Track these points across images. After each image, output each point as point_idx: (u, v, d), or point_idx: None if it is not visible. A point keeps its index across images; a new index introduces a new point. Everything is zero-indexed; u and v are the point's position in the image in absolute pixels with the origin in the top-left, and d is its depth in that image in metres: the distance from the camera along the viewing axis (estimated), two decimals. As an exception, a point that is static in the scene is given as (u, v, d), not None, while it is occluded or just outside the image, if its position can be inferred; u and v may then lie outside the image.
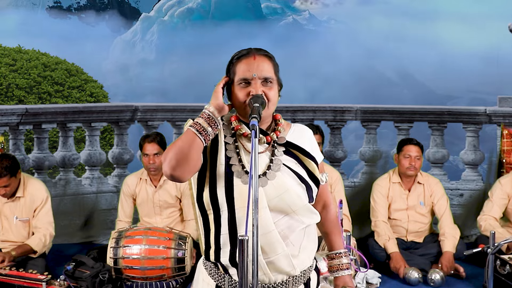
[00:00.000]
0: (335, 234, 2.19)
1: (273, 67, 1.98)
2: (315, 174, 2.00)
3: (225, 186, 1.91)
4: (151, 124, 5.77)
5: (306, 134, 2.06)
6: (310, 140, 2.06)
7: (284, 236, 1.92)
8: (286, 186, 1.92)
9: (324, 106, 5.90)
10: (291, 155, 1.98)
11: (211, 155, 1.95)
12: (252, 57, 1.95)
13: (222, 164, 1.93)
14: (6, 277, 3.69)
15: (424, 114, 5.88)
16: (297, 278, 1.98)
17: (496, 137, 5.54)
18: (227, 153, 1.95)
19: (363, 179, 5.72)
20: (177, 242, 3.89)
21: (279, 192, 1.91)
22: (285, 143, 1.99)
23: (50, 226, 4.25)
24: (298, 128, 2.08)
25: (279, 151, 1.97)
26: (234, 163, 1.93)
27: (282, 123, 2.03)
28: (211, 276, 2.00)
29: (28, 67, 13.01)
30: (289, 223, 1.93)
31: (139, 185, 4.44)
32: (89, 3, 18.29)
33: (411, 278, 4.14)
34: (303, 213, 1.95)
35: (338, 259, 2.17)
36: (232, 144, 1.96)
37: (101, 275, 3.82)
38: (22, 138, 5.54)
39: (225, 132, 1.99)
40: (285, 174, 1.94)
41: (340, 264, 2.17)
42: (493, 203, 4.50)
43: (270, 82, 1.95)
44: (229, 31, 16.97)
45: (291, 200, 1.92)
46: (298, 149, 1.99)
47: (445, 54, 15.16)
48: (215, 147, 1.96)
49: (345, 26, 17.36)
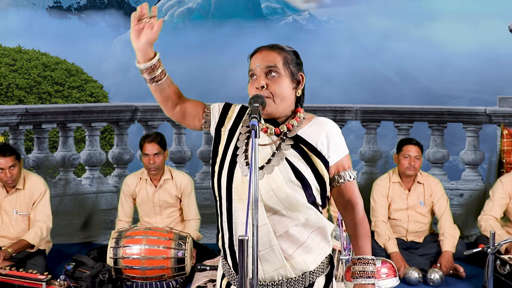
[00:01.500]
0: (359, 237, 1.97)
1: (283, 58, 1.93)
2: (321, 173, 1.91)
3: (227, 175, 1.92)
4: (151, 124, 5.77)
5: (325, 129, 1.94)
6: (328, 136, 1.93)
7: (276, 231, 1.89)
8: (279, 183, 1.87)
9: (324, 106, 5.90)
10: (298, 150, 1.91)
11: (226, 143, 1.97)
12: (259, 51, 1.96)
13: (231, 152, 1.94)
14: (6, 277, 3.68)
15: (424, 114, 5.88)
16: (293, 281, 1.92)
17: (496, 137, 5.54)
18: (237, 143, 1.96)
19: (363, 179, 5.72)
20: (177, 242, 3.89)
21: (272, 187, 1.87)
22: (295, 136, 1.93)
23: (48, 219, 4.25)
24: (318, 121, 1.98)
25: (287, 144, 1.93)
26: (240, 153, 1.94)
27: (300, 117, 1.97)
28: (222, 264, 2.04)
29: (28, 67, 13.00)
30: (281, 219, 1.89)
31: (139, 185, 4.44)
32: (89, 3, 18.29)
33: (411, 278, 4.13)
34: (297, 209, 1.89)
35: (361, 265, 1.95)
36: (245, 134, 1.97)
37: (101, 275, 3.81)
38: (22, 138, 5.54)
39: (244, 123, 1.99)
40: (283, 169, 1.89)
41: (362, 272, 1.95)
42: (494, 202, 4.50)
43: (275, 72, 1.91)
44: (229, 31, 16.97)
45: (282, 196, 1.87)
46: (307, 145, 1.92)
47: (445, 54, 15.16)
48: (231, 136, 1.98)
49: (345, 26, 17.35)
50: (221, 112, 2.02)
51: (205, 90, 14.57)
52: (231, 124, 2.00)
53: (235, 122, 2.00)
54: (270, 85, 1.90)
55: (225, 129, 2.00)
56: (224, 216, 1.95)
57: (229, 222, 1.94)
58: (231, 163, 1.93)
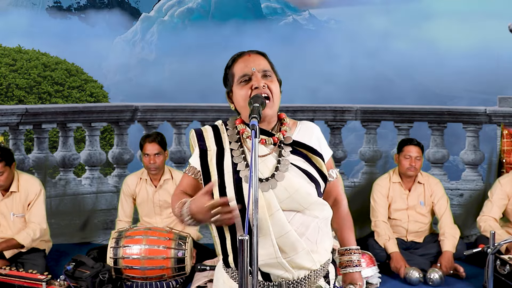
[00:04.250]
0: (346, 230, 2.18)
1: (269, 63, 2.01)
2: (323, 170, 2.00)
3: (235, 193, 1.92)
4: (151, 124, 5.77)
5: (314, 131, 2.07)
6: (318, 137, 2.06)
7: (301, 233, 1.94)
8: (296, 186, 1.93)
9: (324, 106, 5.89)
10: (299, 154, 1.99)
11: (217, 165, 1.96)
12: (247, 55, 2.00)
13: (230, 172, 1.94)
14: (6, 277, 3.68)
15: (424, 114, 5.88)
16: (317, 271, 2.00)
17: (496, 137, 5.54)
18: (233, 160, 1.96)
19: (363, 179, 5.72)
20: (177, 242, 3.89)
21: (290, 193, 1.92)
22: (292, 142, 1.99)
23: (42, 220, 4.23)
24: (305, 125, 2.08)
25: (286, 151, 1.98)
26: (241, 168, 1.94)
27: (287, 122, 2.03)
28: (234, 279, 2.01)
29: (28, 67, 13.01)
30: (302, 219, 1.95)
31: (139, 185, 4.44)
32: (89, 3, 18.30)
33: (412, 278, 4.13)
34: (315, 207, 1.97)
35: (348, 255, 2.16)
36: (238, 149, 1.97)
37: (101, 275, 3.81)
38: (22, 138, 5.54)
39: (230, 138, 2.00)
40: (293, 173, 1.95)
41: (350, 261, 2.15)
42: (492, 203, 4.50)
43: (270, 75, 1.97)
44: (229, 31, 16.98)
45: (302, 199, 1.94)
46: (306, 147, 2.00)
47: (445, 54, 15.17)
48: (220, 156, 1.97)
49: (345, 26, 17.36)
50: (197, 137, 2.02)
51: (205, 90, 14.58)
52: (215, 144, 2.00)
53: (217, 141, 2.00)
54: (268, 85, 1.95)
55: (210, 149, 2.00)
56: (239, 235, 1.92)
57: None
58: (236, 180, 1.92)
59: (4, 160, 4.05)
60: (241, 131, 1.98)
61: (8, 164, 4.08)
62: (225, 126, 2.03)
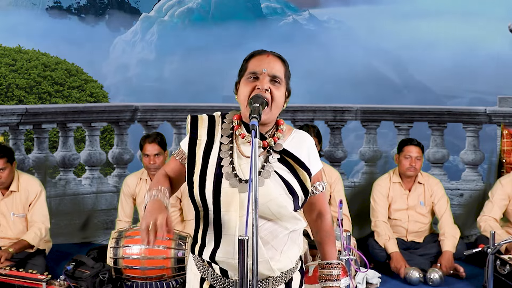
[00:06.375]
0: (328, 244, 2.14)
1: (285, 70, 1.97)
2: (306, 184, 1.96)
3: (213, 188, 1.90)
4: (151, 124, 5.78)
5: (306, 143, 2.02)
6: (309, 149, 2.01)
7: (266, 242, 1.91)
8: (272, 195, 1.89)
9: (324, 106, 5.89)
10: (284, 163, 1.95)
11: (203, 156, 1.95)
12: (266, 54, 1.97)
13: (213, 165, 1.92)
14: (6, 277, 3.68)
15: (424, 114, 5.88)
16: (277, 278, 1.97)
17: (496, 137, 5.54)
18: (220, 154, 1.94)
19: (363, 179, 5.72)
20: (177, 242, 3.89)
21: (265, 200, 1.88)
22: (281, 150, 1.96)
23: (46, 219, 4.27)
24: (299, 135, 2.03)
25: (274, 158, 1.95)
26: (225, 164, 1.92)
27: (283, 129, 2.00)
28: (198, 268, 2.02)
29: (28, 67, 13.01)
30: (272, 228, 1.93)
31: (139, 185, 4.44)
32: (89, 3, 18.30)
33: (412, 278, 4.14)
34: (288, 220, 1.94)
35: (328, 269, 2.13)
36: (227, 145, 1.95)
37: (101, 275, 3.81)
38: (22, 138, 5.54)
39: (223, 132, 1.98)
40: (274, 182, 1.91)
41: (329, 275, 2.12)
42: (493, 203, 4.50)
43: (278, 82, 1.94)
44: (229, 31, 16.98)
45: (275, 209, 1.90)
46: (293, 158, 1.95)
47: (445, 54, 15.17)
48: (208, 148, 1.96)
49: (345, 26, 17.37)
50: (191, 124, 2.01)
51: (205, 90, 14.58)
52: (206, 134, 1.98)
53: (209, 132, 1.98)
54: (272, 90, 1.92)
55: (200, 138, 1.98)
56: (210, 228, 1.93)
57: (216, 234, 1.92)
58: (216, 175, 1.90)
59: (6, 157, 4.07)
60: (235, 127, 1.97)
61: (9, 161, 4.11)
62: (222, 119, 2.01)
